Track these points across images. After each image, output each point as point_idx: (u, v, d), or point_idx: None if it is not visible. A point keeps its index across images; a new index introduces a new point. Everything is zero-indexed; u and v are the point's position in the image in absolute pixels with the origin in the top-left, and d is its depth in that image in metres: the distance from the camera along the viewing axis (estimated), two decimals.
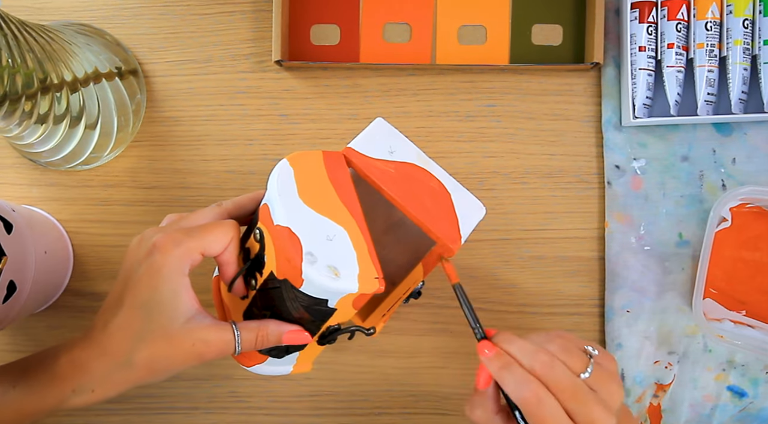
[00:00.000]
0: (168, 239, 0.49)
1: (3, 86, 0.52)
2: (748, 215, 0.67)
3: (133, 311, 0.49)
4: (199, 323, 0.50)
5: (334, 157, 0.56)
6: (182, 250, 0.49)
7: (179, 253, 0.49)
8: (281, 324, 0.52)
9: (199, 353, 0.50)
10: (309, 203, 0.51)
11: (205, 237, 0.50)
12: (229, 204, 0.55)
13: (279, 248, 0.49)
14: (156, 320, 0.49)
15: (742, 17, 0.65)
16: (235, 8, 0.71)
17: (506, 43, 0.70)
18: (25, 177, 0.71)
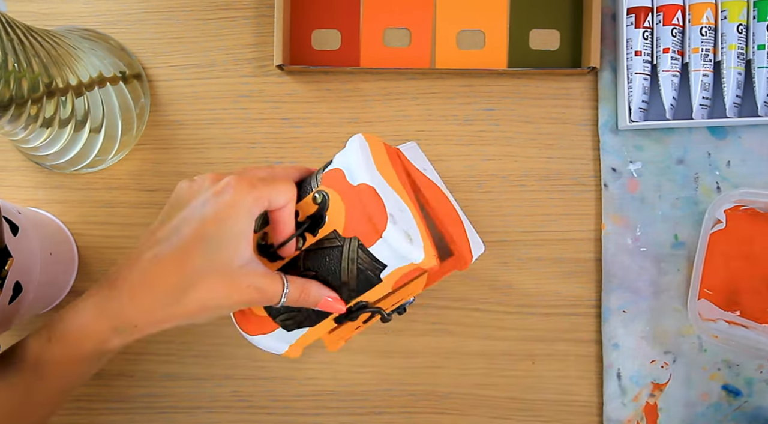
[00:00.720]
0: (244, 180, 0.48)
1: (9, 90, 0.52)
2: (742, 217, 0.67)
3: (193, 245, 0.47)
4: (254, 269, 0.49)
5: (392, 151, 0.57)
6: (257, 193, 0.48)
7: (254, 195, 0.48)
8: (323, 288, 0.51)
9: (250, 298, 0.49)
10: (383, 175, 0.52)
11: (275, 187, 0.49)
12: (279, 168, 0.54)
13: (357, 206, 0.50)
14: (218, 257, 0.47)
15: (737, 22, 0.65)
16: (237, 14, 0.71)
17: (504, 48, 0.70)
18: (30, 180, 0.71)
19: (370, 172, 0.51)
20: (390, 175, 0.53)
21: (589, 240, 0.69)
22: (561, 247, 0.69)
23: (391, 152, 0.57)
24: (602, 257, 0.69)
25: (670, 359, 0.68)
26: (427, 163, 0.61)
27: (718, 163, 0.68)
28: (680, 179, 0.68)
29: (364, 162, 0.51)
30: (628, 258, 0.68)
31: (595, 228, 0.69)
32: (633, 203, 0.68)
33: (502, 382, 0.69)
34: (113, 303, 0.48)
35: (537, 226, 0.69)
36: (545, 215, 0.69)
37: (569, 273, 0.69)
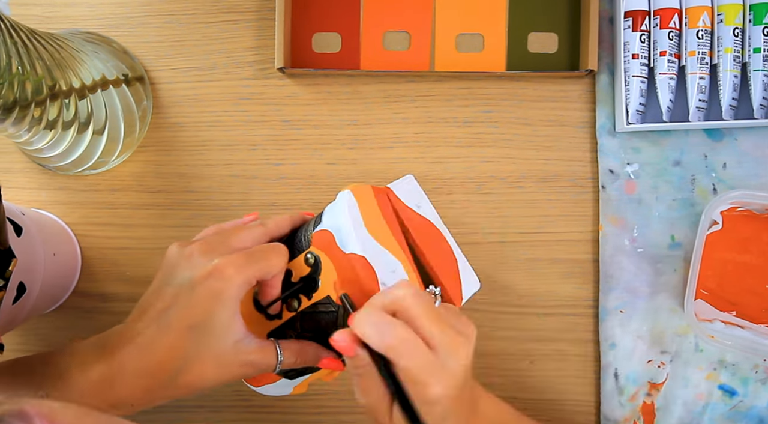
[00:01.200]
0: (229, 264, 0.48)
1: (13, 93, 0.52)
2: (738, 218, 0.67)
3: (183, 333, 0.48)
4: (246, 346, 0.49)
5: (381, 194, 0.57)
6: (243, 277, 0.48)
7: (240, 280, 0.48)
8: (320, 349, 0.52)
9: (243, 374, 0.50)
10: (373, 235, 0.52)
11: (264, 263, 0.50)
12: (272, 225, 0.54)
13: (349, 275, 0.50)
14: (206, 343, 0.48)
15: (733, 26, 0.65)
16: (239, 17, 0.71)
17: (503, 51, 0.70)
18: (34, 181, 0.71)
19: (360, 240, 0.51)
20: (381, 233, 0.53)
21: (586, 241, 0.69)
22: (559, 248, 0.69)
23: (381, 198, 0.56)
24: (600, 258, 0.69)
25: (666, 358, 0.68)
26: (422, 198, 0.61)
27: (715, 165, 0.68)
28: (677, 181, 0.68)
29: (353, 229, 0.51)
30: (625, 259, 0.68)
31: (593, 229, 0.69)
32: (630, 205, 0.68)
33: (500, 381, 0.69)
34: (111, 385, 0.49)
35: (535, 227, 0.69)
36: (543, 216, 0.69)
37: (567, 274, 0.69)
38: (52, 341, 0.71)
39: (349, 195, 0.53)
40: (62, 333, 0.71)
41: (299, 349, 0.51)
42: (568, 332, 0.69)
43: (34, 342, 0.71)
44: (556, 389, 0.69)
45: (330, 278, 0.51)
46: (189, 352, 0.48)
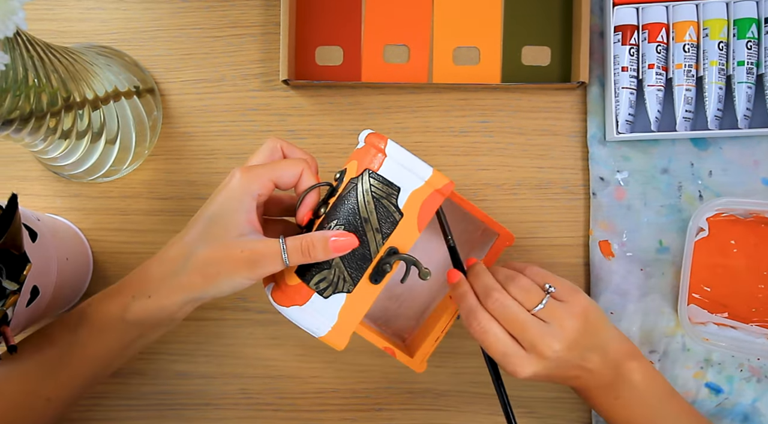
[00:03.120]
0: (243, 167, 0.51)
1: (29, 104, 0.51)
2: (723, 223, 0.66)
3: (196, 222, 0.51)
4: (251, 238, 0.50)
5: None
6: (253, 173, 0.51)
7: (250, 176, 0.51)
8: (325, 232, 0.50)
9: (248, 260, 0.49)
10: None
11: (275, 166, 0.52)
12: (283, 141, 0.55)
13: (365, 150, 0.52)
14: (214, 229, 0.50)
15: (718, 40, 0.65)
16: (245, 31, 0.71)
17: (498, 64, 0.70)
18: (49, 189, 0.71)
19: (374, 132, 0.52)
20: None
21: (578, 246, 0.69)
22: (552, 252, 0.69)
23: None
24: (590, 262, 0.68)
25: (655, 358, 0.67)
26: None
27: (701, 173, 0.68)
28: (665, 188, 0.68)
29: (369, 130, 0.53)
30: (615, 263, 0.68)
31: (584, 234, 0.69)
32: (620, 211, 0.68)
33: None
34: (133, 277, 0.53)
35: (529, 232, 0.69)
36: (537, 221, 0.69)
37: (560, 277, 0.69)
38: None
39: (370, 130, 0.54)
40: None
41: (303, 236, 0.50)
42: None
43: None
44: (550, 388, 0.69)
45: (352, 168, 0.52)
46: (196, 238, 0.51)
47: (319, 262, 0.51)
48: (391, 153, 0.51)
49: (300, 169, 0.52)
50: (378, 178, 0.51)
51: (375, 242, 0.51)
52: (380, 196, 0.51)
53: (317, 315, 0.52)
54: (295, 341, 0.70)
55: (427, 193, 0.51)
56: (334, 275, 0.51)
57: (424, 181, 0.51)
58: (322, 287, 0.51)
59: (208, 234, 0.50)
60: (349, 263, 0.51)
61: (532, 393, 0.69)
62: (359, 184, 0.51)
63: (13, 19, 0.43)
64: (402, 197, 0.51)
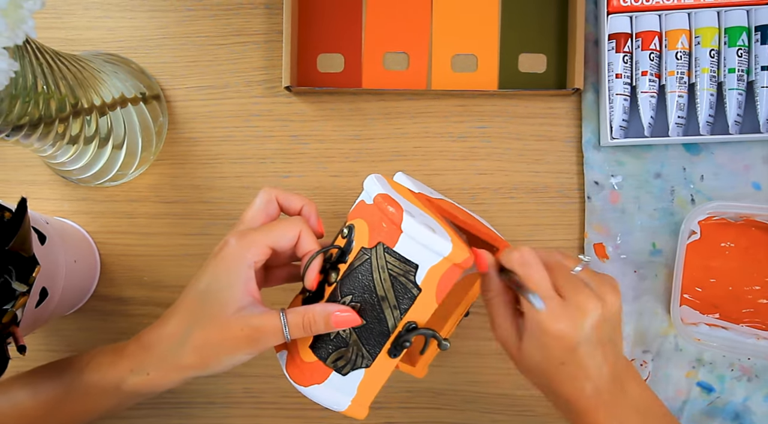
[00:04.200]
0: (237, 233, 0.49)
1: (38, 110, 0.51)
2: (715, 227, 0.66)
3: (192, 297, 0.48)
4: (250, 312, 0.47)
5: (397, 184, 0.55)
6: (248, 241, 0.48)
7: (245, 243, 0.48)
8: (328, 305, 0.47)
9: (248, 338, 0.47)
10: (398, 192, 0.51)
11: (271, 231, 0.49)
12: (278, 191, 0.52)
13: (377, 216, 0.48)
14: (209, 307, 0.47)
15: (709, 48, 0.65)
16: (248, 39, 0.71)
17: (495, 71, 0.70)
18: (58, 193, 0.70)
19: (384, 187, 0.49)
20: (406, 194, 0.51)
21: (573, 248, 0.69)
22: None
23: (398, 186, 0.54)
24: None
25: (648, 358, 0.67)
26: (423, 186, 0.59)
27: (693, 177, 0.68)
28: (657, 192, 0.68)
29: (378, 182, 0.50)
30: (609, 265, 0.68)
31: (579, 237, 0.69)
32: (614, 214, 0.68)
33: (493, 379, 0.69)
34: (132, 347, 0.51)
35: (526, 235, 0.69)
36: (533, 224, 0.69)
37: None
38: (74, 341, 0.70)
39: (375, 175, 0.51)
40: (84, 334, 0.70)
41: (304, 309, 0.47)
42: None
43: (57, 343, 0.70)
44: None
45: (362, 232, 0.48)
46: (195, 314, 0.48)
47: (334, 335, 0.49)
48: (408, 230, 0.46)
49: (298, 230, 0.49)
50: (394, 255, 0.47)
51: (393, 318, 0.48)
52: (397, 274, 0.47)
53: (337, 392, 0.50)
54: None
55: (445, 267, 0.47)
56: (352, 352, 0.49)
57: (443, 257, 0.47)
58: (340, 365, 0.49)
59: (204, 313, 0.47)
60: (366, 340, 0.48)
61: (527, 392, 0.69)
62: (373, 259, 0.47)
63: (22, 28, 0.43)
64: (420, 274, 0.47)
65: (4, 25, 0.41)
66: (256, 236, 0.48)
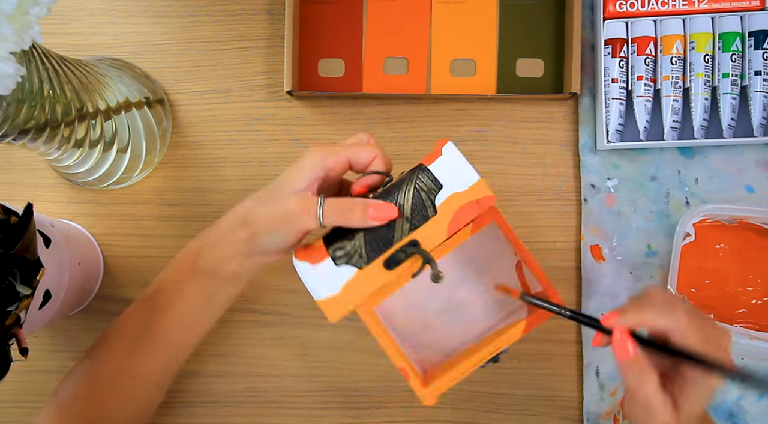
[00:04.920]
0: (318, 143, 0.52)
1: (44, 114, 0.51)
2: (709, 229, 0.66)
3: (265, 189, 0.52)
4: (296, 194, 0.50)
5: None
6: (331, 149, 0.51)
7: (327, 150, 0.50)
8: (368, 200, 0.49)
9: (285, 213, 0.49)
10: None
11: (352, 147, 0.51)
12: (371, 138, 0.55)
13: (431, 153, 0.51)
14: (273, 189, 0.51)
15: (704, 53, 0.65)
16: (251, 44, 0.70)
17: (493, 75, 0.70)
18: (63, 195, 0.70)
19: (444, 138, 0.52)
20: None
21: (570, 250, 0.69)
22: (545, 256, 0.68)
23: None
24: (582, 265, 0.68)
25: None
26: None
27: (687, 180, 0.68)
28: (653, 195, 0.68)
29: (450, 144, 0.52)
30: (605, 266, 0.67)
31: (576, 239, 0.69)
32: (610, 216, 0.68)
33: (491, 379, 0.69)
34: (202, 234, 0.55)
35: (524, 237, 0.68)
36: (531, 227, 0.69)
37: (553, 280, 0.67)
38: (80, 341, 0.70)
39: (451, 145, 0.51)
40: (89, 334, 0.70)
41: (344, 198, 0.49)
42: (554, 333, 0.68)
43: (63, 343, 0.70)
44: (543, 386, 0.68)
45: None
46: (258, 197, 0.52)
47: (346, 232, 0.50)
48: (446, 152, 0.50)
49: (374, 154, 0.51)
50: (426, 172, 0.50)
51: (401, 230, 0.49)
52: (421, 188, 0.49)
53: (322, 279, 0.50)
54: (298, 341, 0.69)
55: (466, 199, 0.49)
56: (353, 247, 0.50)
57: (467, 186, 0.49)
58: (338, 254, 0.50)
59: (267, 193, 0.51)
60: (370, 240, 0.50)
61: (527, 391, 0.68)
62: (408, 176, 0.50)
63: (29, 33, 0.43)
64: (441, 196, 0.49)
65: (11, 31, 0.41)
66: (338, 148, 0.51)
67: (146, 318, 0.55)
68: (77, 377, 0.56)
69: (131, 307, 0.57)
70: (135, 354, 0.55)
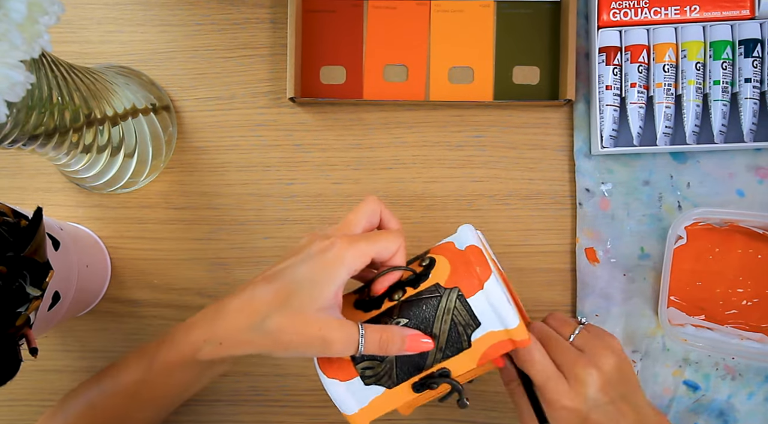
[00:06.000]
0: (348, 238, 0.47)
1: (53, 121, 0.51)
2: (700, 232, 0.66)
3: (286, 285, 0.47)
4: (333, 315, 0.46)
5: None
6: (357, 248, 0.46)
7: (352, 250, 0.46)
8: (406, 329, 0.47)
9: (323, 340, 0.45)
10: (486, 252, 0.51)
11: (378, 242, 0.47)
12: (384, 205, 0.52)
13: (463, 262, 0.48)
14: (298, 297, 0.46)
15: (695, 61, 0.65)
16: (254, 52, 0.70)
17: (491, 82, 0.70)
18: (71, 199, 0.70)
19: (477, 240, 0.49)
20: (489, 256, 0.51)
21: (565, 252, 0.69)
22: (541, 258, 0.68)
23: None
24: (576, 267, 0.68)
25: (637, 357, 0.67)
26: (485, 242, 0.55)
27: (680, 185, 0.67)
28: (646, 199, 0.68)
29: (472, 234, 0.50)
30: (600, 268, 0.67)
31: (571, 241, 0.69)
32: (604, 220, 0.68)
33: (490, 378, 0.68)
34: (209, 321, 0.49)
35: (520, 240, 0.69)
36: (527, 230, 0.69)
37: (548, 282, 0.68)
38: (88, 341, 0.70)
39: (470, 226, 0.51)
40: (97, 334, 0.70)
41: (382, 328, 0.47)
42: None
43: (72, 343, 0.70)
44: None
45: (443, 269, 0.48)
46: (283, 301, 0.46)
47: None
48: (488, 289, 0.47)
49: (398, 245, 0.48)
50: (465, 305, 0.47)
51: (433, 358, 0.48)
52: (458, 323, 0.47)
53: (352, 396, 0.49)
54: None
55: (501, 338, 0.48)
56: (383, 369, 0.48)
57: (506, 329, 0.47)
58: (367, 374, 0.49)
59: (291, 301, 0.46)
60: (401, 366, 0.48)
61: None
62: (444, 299, 0.47)
63: (38, 42, 0.43)
64: (477, 333, 0.47)
65: (21, 40, 0.41)
66: (363, 245, 0.47)
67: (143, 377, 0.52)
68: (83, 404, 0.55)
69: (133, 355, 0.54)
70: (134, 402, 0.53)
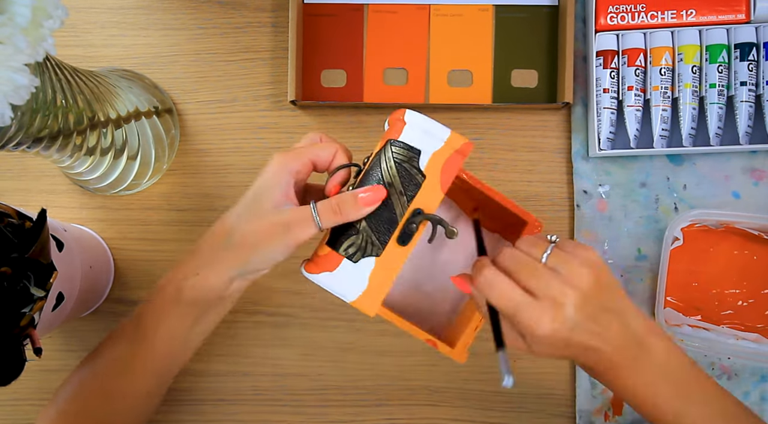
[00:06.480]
0: (281, 151, 0.51)
1: (57, 123, 0.51)
2: (697, 233, 0.66)
3: (239, 202, 0.51)
4: (284, 209, 0.49)
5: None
6: (292, 153, 0.50)
7: (288, 155, 0.50)
8: (356, 191, 0.49)
9: (283, 226, 0.49)
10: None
11: (313, 148, 0.51)
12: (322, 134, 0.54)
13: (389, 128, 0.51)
14: (253, 205, 0.50)
15: (691, 64, 0.65)
16: (256, 56, 0.70)
17: (489, 86, 0.70)
18: (75, 201, 0.70)
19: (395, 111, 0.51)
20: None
21: None
22: None
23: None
24: None
25: None
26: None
27: (676, 187, 0.67)
28: (643, 200, 0.68)
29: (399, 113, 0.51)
30: None
31: None
32: (602, 221, 0.68)
33: (488, 377, 0.68)
34: (185, 259, 0.53)
35: None
36: None
37: None
38: (92, 342, 0.69)
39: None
40: (101, 335, 0.68)
41: (333, 198, 0.49)
42: None
43: (75, 343, 0.70)
44: (537, 384, 0.68)
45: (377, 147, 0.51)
46: (239, 216, 0.50)
47: (348, 228, 0.49)
48: (410, 120, 0.49)
49: (334, 150, 0.51)
50: (399, 144, 0.49)
51: (400, 205, 0.49)
52: (402, 161, 0.49)
53: (347, 280, 0.49)
54: (302, 341, 0.69)
55: (447, 154, 0.50)
56: (362, 239, 0.49)
57: (444, 141, 0.50)
58: (351, 252, 0.49)
59: (248, 209, 0.50)
60: (376, 227, 0.49)
61: (521, 389, 0.68)
62: (382, 154, 0.50)
63: (43, 46, 0.43)
64: (423, 159, 0.49)
65: (25, 43, 0.41)
66: (299, 150, 0.51)
67: (131, 348, 0.54)
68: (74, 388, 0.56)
69: (121, 325, 0.56)
70: (125, 377, 0.54)
